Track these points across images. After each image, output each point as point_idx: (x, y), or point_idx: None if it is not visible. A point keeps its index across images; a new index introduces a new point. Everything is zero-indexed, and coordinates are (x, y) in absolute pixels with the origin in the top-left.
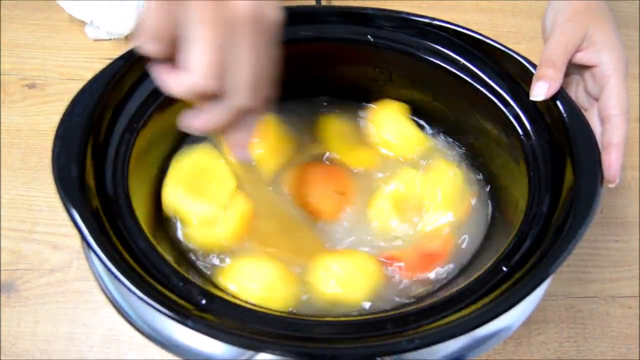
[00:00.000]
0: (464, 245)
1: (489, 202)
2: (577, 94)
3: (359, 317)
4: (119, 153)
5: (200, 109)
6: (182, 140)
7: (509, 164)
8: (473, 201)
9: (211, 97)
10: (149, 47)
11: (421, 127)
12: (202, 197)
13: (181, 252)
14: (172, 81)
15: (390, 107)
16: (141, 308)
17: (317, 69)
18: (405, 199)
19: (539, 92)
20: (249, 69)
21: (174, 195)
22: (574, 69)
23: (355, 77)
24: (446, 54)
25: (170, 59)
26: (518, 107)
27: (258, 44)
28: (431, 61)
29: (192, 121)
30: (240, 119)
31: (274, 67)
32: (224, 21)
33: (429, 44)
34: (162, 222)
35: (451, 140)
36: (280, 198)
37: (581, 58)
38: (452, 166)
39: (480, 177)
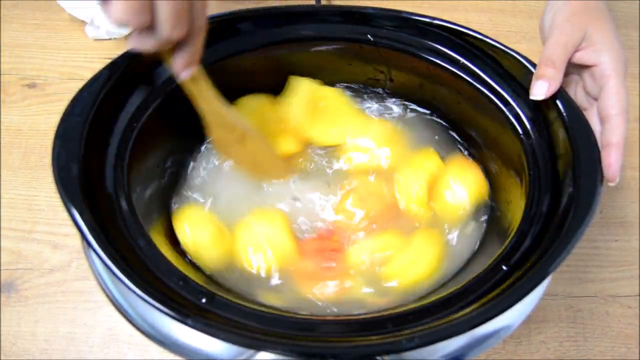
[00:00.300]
0: (461, 245)
1: (489, 201)
2: (576, 93)
3: (359, 316)
4: (119, 153)
5: (139, 32)
6: (182, 140)
7: (509, 162)
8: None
9: (140, 27)
10: None
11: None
12: None
13: (181, 251)
14: (106, 8)
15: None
16: (141, 307)
17: (317, 69)
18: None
19: (539, 91)
20: (169, 4)
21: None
22: (573, 68)
23: (355, 77)
24: (446, 53)
25: None
26: (518, 106)
27: None
28: (431, 61)
29: (131, 42)
30: (178, 45)
31: (201, 4)
32: None
33: (429, 43)
34: (163, 221)
35: (451, 139)
36: (233, 112)
37: (580, 58)
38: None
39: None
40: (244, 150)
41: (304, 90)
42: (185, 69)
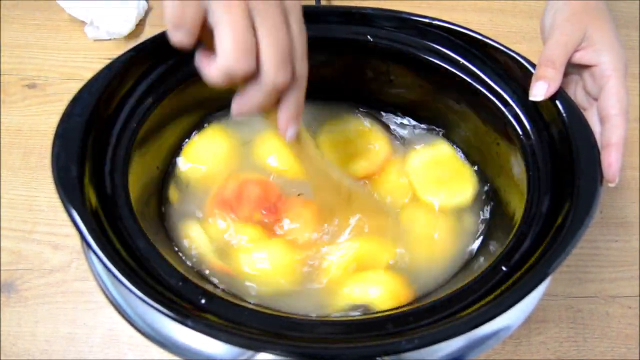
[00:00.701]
0: (462, 245)
1: (488, 201)
2: (576, 93)
3: (359, 317)
4: (119, 153)
5: (241, 92)
6: (182, 140)
7: (509, 163)
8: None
9: (247, 78)
10: (175, 36)
11: (421, 126)
12: None
13: (182, 251)
14: (207, 67)
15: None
16: (141, 308)
17: (316, 70)
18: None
19: (538, 92)
20: (275, 46)
21: None
22: (572, 68)
23: (355, 77)
24: (446, 53)
25: (208, 46)
26: (518, 107)
27: (280, 23)
28: (431, 61)
29: (237, 105)
30: (282, 98)
31: (303, 44)
32: (246, 3)
33: (429, 43)
34: (163, 222)
35: (450, 139)
36: (336, 169)
37: (580, 58)
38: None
39: (480, 176)
40: (351, 211)
41: None
42: (290, 125)
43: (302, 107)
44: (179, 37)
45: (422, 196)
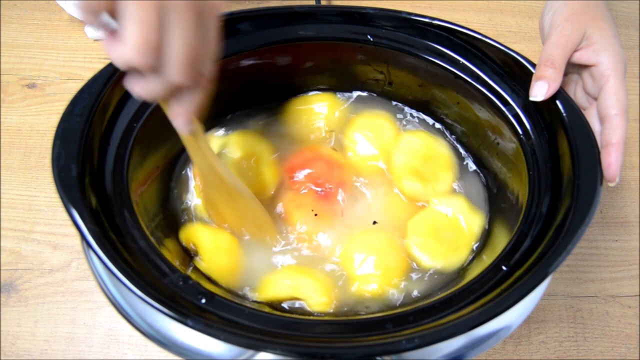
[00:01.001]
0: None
1: (489, 201)
2: (575, 93)
3: (359, 317)
4: (119, 153)
5: (141, 75)
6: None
7: (509, 163)
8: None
9: (148, 69)
10: (87, 17)
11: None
12: None
13: (181, 251)
14: (110, 49)
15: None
16: (141, 307)
17: (317, 69)
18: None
19: (539, 92)
20: (182, 49)
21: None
22: (572, 68)
23: (355, 77)
24: (446, 53)
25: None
26: (518, 106)
27: (193, 26)
28: (431, 61)
29: (133, 85)
30: (180, 92)
31: (212, 49)
32: (160, 4)
33: (429, 43)
34: (163, 222)
35: (450, 139)
36: (226, 170)
37: (580, 57)
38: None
39: (480, 176)
40: (232, 208)
41: None
42: (181, 118)
43: (198, 106)
44: (89, 18)
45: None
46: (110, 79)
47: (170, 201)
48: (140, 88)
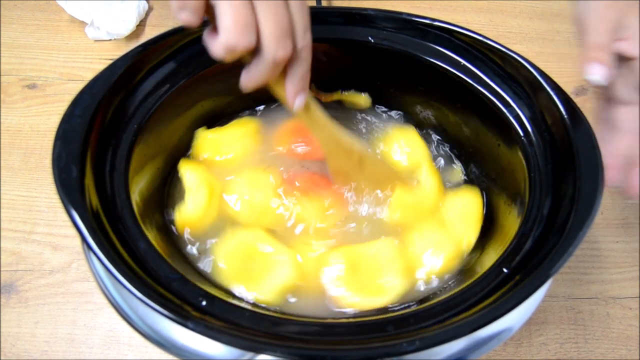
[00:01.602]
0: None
1: (489, 202)
2: (617, 86)
3: (360, 319)
4: (119, 153)
5: (247, 66)
6: (182, 141)
7: (510, 165)
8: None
9: (250, 53)
10: (181, 16)
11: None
12: None
13: (181, 252)
14: (211, 44)
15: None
16: (141, 309)
17: (317, 70)
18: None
19: (597, 72)
20: (274, 23)
21: None
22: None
23: (356, 78)
24: (447, 54)
25: (212, 24)
26: (519, 108)
27: (280, 1)
28: (432, 62)
29: (244, 78)
30: (287, 71)
31: (304, 20)
32: None
33: (430, 44)
34: (164, 223)
35: (451, 139)
36: (346, 135)
37: (624, 48)
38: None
39: (481, 177)
40: (363, 175)
41: None
42: (297, 96)
43: (308, 78)
44: (185, 17)
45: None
46: (110, 79)
47: (170, 201)
48: (249, 77)
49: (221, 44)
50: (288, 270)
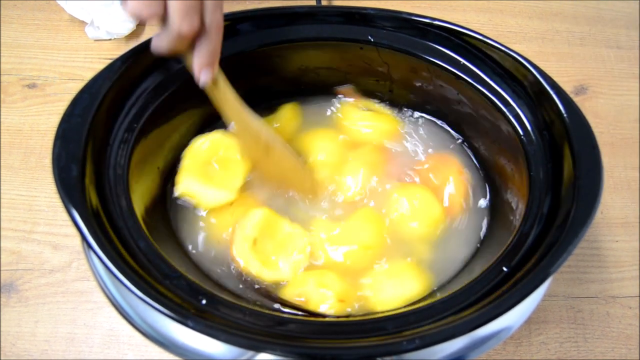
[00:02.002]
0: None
1: (489, 202)
2: None
3: (359, 318)
4: (119, 153)
5: (158, 32)
6: (182, 140)
7: (509, 164)
8: None
9: (154, 19)
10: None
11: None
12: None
13: (183, 252)
14: (125, 7)
15: None
16: (141, 308)
17: (317, 69)
18: None
19: None
20: None
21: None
22: None
23: (356, 78)
24: (446, 54)
25: None
26: (518, 107)
27: None
28: (431, 61)
29: (152, 43)
30: (196, 45)
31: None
32: None
33: (430, 44)
34: (164, 221)
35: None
36: (258, 121)
37: None
38: None
39: (480, 176)
40: (270, 162)
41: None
42: (203, 69)
43: (217, 55)
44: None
45: None
46: (110, 79)
47: (170, 201)
48: (157, 43)
49: (129, 9)
50: None
